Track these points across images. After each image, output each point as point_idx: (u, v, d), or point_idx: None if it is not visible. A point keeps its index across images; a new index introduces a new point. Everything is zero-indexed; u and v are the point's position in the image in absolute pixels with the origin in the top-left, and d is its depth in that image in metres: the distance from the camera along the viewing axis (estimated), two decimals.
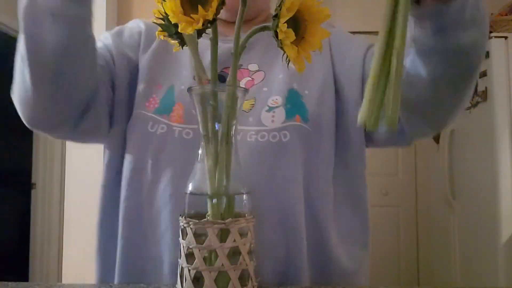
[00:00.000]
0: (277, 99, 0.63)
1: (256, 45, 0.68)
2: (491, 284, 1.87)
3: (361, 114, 0.37)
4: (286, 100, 0.63)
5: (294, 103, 0.63)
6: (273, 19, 0.41)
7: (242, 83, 0.66)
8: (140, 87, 0.65)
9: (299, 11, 0.41)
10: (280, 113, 0.62)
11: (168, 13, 0.39)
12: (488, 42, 1.93)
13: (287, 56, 0.41)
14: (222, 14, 0.57)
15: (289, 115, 0.62)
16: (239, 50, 0.43)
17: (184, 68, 0.65)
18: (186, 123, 0.61)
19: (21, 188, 3.28)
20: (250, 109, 0.63)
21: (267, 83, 0.65)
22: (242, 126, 0.61)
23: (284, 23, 0.39)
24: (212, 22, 0.40)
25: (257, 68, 0.67)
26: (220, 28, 0.55)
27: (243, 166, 0.54)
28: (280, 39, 0.40)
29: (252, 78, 0.66)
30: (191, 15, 0.39)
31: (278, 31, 0.40)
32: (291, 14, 0.40)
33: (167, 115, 0.62)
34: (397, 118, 0.36)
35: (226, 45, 0.55)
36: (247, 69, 0.67)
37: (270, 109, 0.63)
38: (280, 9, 0.40)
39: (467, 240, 2.09)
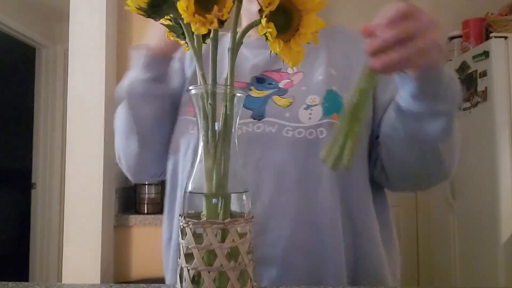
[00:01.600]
0: (315, 98, 0.66)
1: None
2: (491, 284, 1.87)
3: (325, 153, 0.46)
4: (324, 99, 0.65)
5: (332, 102, 0.65)
6: (259, 13, 0.40)
7: (282, 84, 0.68)
8: (185, 96, 0.73)
9: (292, 2, 0.40)
10: (318, 111, 0.64)
11: (181, 12, 0.38)
12: (488, 42, 1.93)
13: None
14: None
15: (327, 112, 0.64)
16: (236, 47, 0.43)
17: (223, 72, 0.69)
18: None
19: (21, 188, 3.28)
20: (288, 106, 0.66)
21: (306, 83, 0.68)
22: (278, 120, 0.64)
23: (265, 17, 0.38)
24: (224, 22, 0.39)
25: (296, 70, 0.70)
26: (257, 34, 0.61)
27: (279, 161, 0.61)
28: (265, 35, 0.39)
29: (291, 80, 0.69)
30: (205, 15, 0.38)
31: (259, 27, 0.39)
32: (271, 8, 0.38)
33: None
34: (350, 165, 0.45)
35: (265, 51, 0.58)
36: (286, 72, 0.70)
37: (308, 107, 0.65)
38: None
39: (467, 240, 2.08)
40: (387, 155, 0.66)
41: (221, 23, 0.39)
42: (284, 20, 0.40)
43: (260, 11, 0.40)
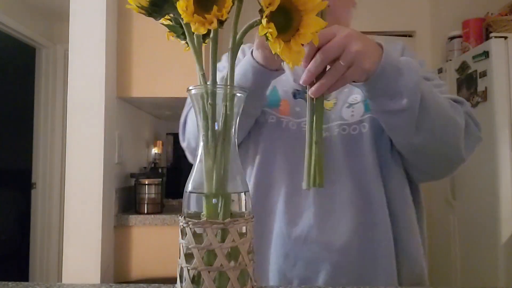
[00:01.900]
0: (356, 97, 0.71)
1: None
2: (491, 284, 1.87)
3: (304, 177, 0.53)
4: (365, 97, 0.69)
5: None
6: (259, 13, 0.40)
7: None
8: None
9: (292, 2, 0.40)
10: (359, 108, 0.70)
11: (180, 12, 0.38)
12: (488, 42, 1.93)
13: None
14: None
15: (368, 108, 0.69)
16: (235, 47, 0.43)
17: (284, 74, 0.76)
18: (291, 116, 0.72)
19: (21, 188, 3.28)
20: (332, 107, 0.72)
21: (349, 85, 0.72)
22: (325, 125, 0.69)
23: (265, 18, 0.38)
24: (223, 23, 0.40)
25: None
26: None
27: (328, 159, 0.66)
28: (266, 35, 0.40)
29: None
30: (205, 15, 0.38)
31: (259, 27, 0.39)
32: (272, 8, 0.39)
33: (277, 108, 0.74)
34: (322, 183, 0.52)
35: None
36: None
37: (350, 105, 0.71)
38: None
39: (467, 240, 2.08)
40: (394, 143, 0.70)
41: (221, 23, 0.39)
42: (285, 20, 0.40)
43: (261, 11, 0.40)
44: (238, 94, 0.43)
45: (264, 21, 0.39)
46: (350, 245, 0.65)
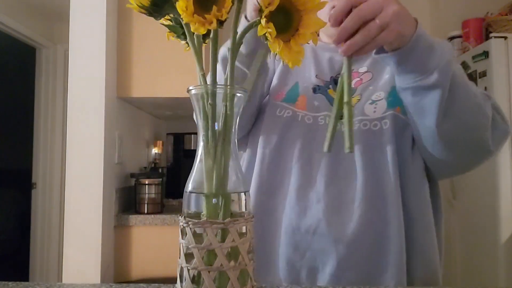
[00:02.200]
0: (380, 94, 0.71)
1: (368, 55, 0.77)
2: (491, 284, 1.87)
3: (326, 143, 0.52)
4: (388, 94, 0.70)
5: (396, 97, 0.69)
6: (259, 13, 0.40)
7: (352, 83, 0.73)
8: (274, 82, 0.80)
9: (292, 2, 0.40)
10: (382, 105, 0.70)
11: (180, 13, 0.38)
12: (488, 42, 1.93)
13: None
14: (329, 30, 0.77)
15: (391, 105, 0.69)
16: (235, 47, 0.43)
17: (306, 71, 0.79)
18: (308, 111, 0.73)
19: (21, 188, 3.28)
20: (355, 103, 0.72)
21: (373, 82, 0.74)
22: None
23: (264, 18, 0.38)
24: (223, 23, 0.40)
25: (365, 70, 0.77)
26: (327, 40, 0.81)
27: (348, 154, 0.67)
28: (265, 35, 0.39)
29: (360, 79, 0.76)
30: (204, 15, 0.38)
31: (259, 27, 0.39)
32: (271, 8, 0.38)
33: (293, 103, 0.75)
34: (352, 146, 0.50)
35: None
36: (357, 71, 0.76)
37: (373, 102, 0.71)
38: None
39: (467, 240, 2.08)
40: (414, 133, 0.69)
41: (220, 23, 0.39)
42: (284, 20, 0.40)
43: (260, 11, 0.40)
44: (238, 94, 0.43)
45: (263, 21, 0.39)
46: (359, 240, 0.65)
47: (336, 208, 0.67)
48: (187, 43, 0.45)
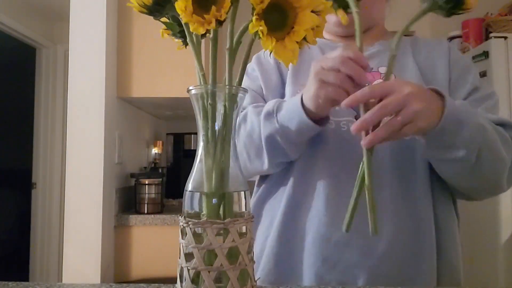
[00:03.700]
0: None
1: (387, 50, 0.77)
2: (491, 285, 1.87)
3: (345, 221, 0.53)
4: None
5: None
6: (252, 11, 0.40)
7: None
8: (288, 88, 0.76)
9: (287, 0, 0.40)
10: None
11: (179, 12, 0.38)
12: (488, 42, 1.93)
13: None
14: (334, 29, 0.79)
15: None
16: (234, 46, 0.43)
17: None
18: (331, 116, 0.70)
19: (21, 188, 3.28)
20: None
21: None
22: None
23: (256, 15, 0.38)
24: (222, 23, 0.39)
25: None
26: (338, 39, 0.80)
27: (376, 163, 0.64)
28: (257, 33, 0.39)
29: (383, 80, 0.73)
30: (203, 15, 0.38)
31: (250, 24, 0.39)
32: (262, 6, 0.38)
33: None
34: (376, 228, 0.52)
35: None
36: (378, 71, 0.75)
37: None
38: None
39: (467, 240, 2.08)
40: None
41: (219, 23, 0.39)
42: (279, 18, 0.40)
43: (253, 9, 0.40)
44: (239, 94, 0.43)
45: (254, 18, 0.38)
46: (391, 252, 0.64)
47: (367, 220, 0.66)
48: (182, 41, 0.45)
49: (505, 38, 1.89)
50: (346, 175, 0.67)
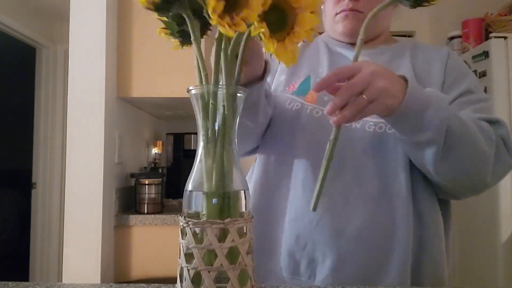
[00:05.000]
0: None
1: (386, 54, 0.79)
2: (490, 284, 1.87)
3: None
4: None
5: None
6: None
7: None
8: (282, 77, 0.81)
9: (286, 0, 0.40)
10: None
11: (210, 14, 0.37)
12: (488, 42, 1.93)
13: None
14: (341, 37, 0.81)
15: None
16: (232, 48, 0.43)
17: (320, 66, 0.80)
18: (318, 104, 0.74)
19: (21, 188, 3.28)
20: None
21: None
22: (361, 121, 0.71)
23: (258, 16, 0.38)
24: (251, 25, 0.39)
25: None
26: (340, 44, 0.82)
27: (360, 152, 0.68)
28: (259, 35, 0.39)
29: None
30: (233, 16, 0.37)
31: (252, 27, 0.39)
32: (264, 8, 0.38)
33: (303, 96, 0.76)
34: (316, 205, 0.55)
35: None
36: None
37: None
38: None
39: (467, 240, 2.08)
40: None
41: (248, 26, 0.39)
42: (279, 19, 0.40)
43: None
44: (239, 94, 0.43)
45: (255, 21, 0.38)
46: (362, 236, 0.65)
47: (341, 203, 0.67)
48: (179, 41, 0.45)
49: (505, 38, 1.89)
50: (322, 159, 0.69)
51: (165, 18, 0.44)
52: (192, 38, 0.43)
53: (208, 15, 0.37)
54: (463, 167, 0.64)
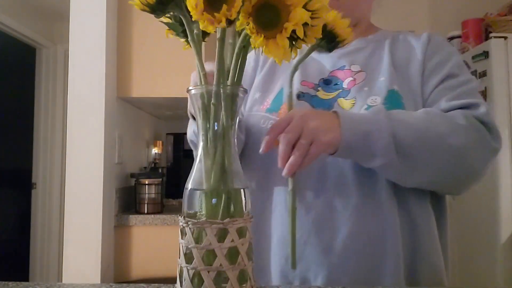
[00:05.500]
0: (376, 99, 0.69)
1: (364, 49, 0.76)
2: (490, 284, 1.87)
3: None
4: (385, 100, 0.68)
5: (393, 103, 0.68)
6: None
7: (345, 83, 0.72)
8: (257, 95, 0.78)
9: None
10: None
11: (190, 10, 0.38)
12: (488, 42, 1.93)
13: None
14: None
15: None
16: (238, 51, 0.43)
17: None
18: None
19: (21, 188, 3.28)
20: (351, 107, 0.70)
21: (368, 83, 0.71)
22: None
23: (243, 13, 0.38)
24: (232, 22, 0.39)
25: (359, 69, 0.74)
26: None
27: (341, 163, 0.67)
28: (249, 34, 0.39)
29: (354, 78, 0.73)
30: (214, 13, 0.37)
31: (237, 23, 0.39)
32: (253, 2, 0.38)
33: (276, 112, 0.73)
34: (295, 262, 0.58)
35: (332, 53, 0.62)
36: (350, 69, 0.74)
37: (369, 107, 0.68)
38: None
39: (467, 240, 2.09)
40: None
41: (229, 22, 0.39)
42: (272, 16, 0.40)
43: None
44: (240, 94, 0.43)
45: (241, 15, 0.38)
46: (349, 247, 0.64)
47: (326, 218, 0.66)
48: (186, 41, 0.45)
49: (505, 38, 1.89)
50: (305, 179, 0.67)
51: (168, 20, 0.45)
52: (189, 38, 0.43)
53: (188, 11, 0.38)
54: (436, 169, 0.63)
